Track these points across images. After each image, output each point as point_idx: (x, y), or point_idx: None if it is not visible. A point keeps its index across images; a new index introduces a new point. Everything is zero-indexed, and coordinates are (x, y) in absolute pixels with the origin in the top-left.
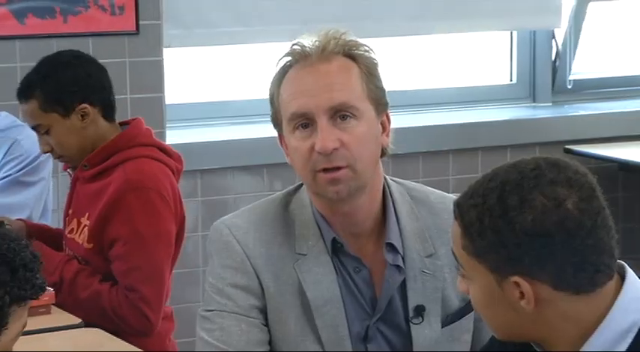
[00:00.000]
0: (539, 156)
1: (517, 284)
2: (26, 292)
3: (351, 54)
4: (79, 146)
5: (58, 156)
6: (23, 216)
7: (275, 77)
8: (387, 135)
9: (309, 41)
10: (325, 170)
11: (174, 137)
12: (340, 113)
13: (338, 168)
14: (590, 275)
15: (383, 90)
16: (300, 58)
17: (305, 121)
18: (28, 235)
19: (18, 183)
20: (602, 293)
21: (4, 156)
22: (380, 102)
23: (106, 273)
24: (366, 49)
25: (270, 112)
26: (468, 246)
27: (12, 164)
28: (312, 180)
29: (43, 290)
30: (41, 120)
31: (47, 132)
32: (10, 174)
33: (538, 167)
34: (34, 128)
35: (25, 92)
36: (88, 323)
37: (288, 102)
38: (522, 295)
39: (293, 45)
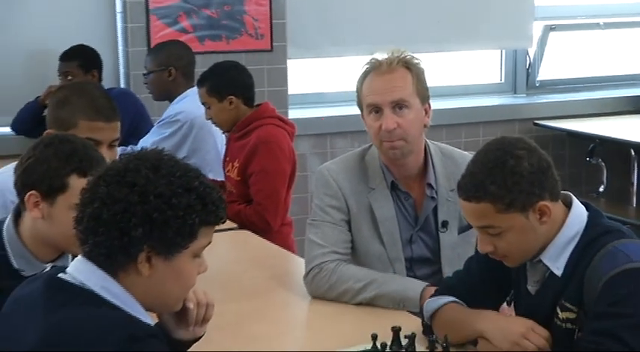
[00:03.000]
0: (494, 139)
1: (540, 208)
2: (211, 219)
3: (408, 66)
4: (226, 119)
5: (214, 123)
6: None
7: (360, 78)
8: (428, 117)
9: (381, 57)
10: (387, 142)
11: (294, 114)
12: (398, 105)
13: (394, 140)
14: (559, 186)
15: (426, 88)
16: (375, 67)
17: (376, 109)
18: None
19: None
20: (557, 211)
21: None
22: (424, 96)
23: (246, 195)
24: (417, 61)
25: (355, 98)
26: (501, 208)
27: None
28: (379, 146)
29: (224, 219)
30: (205, 100)
31: (210, 108)
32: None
33: (503, 140)
34: (203, 104)
35: (200, 81)
36: (241, 227)
37: (367, 96)
38: (541, 215)
39: (371, 59)
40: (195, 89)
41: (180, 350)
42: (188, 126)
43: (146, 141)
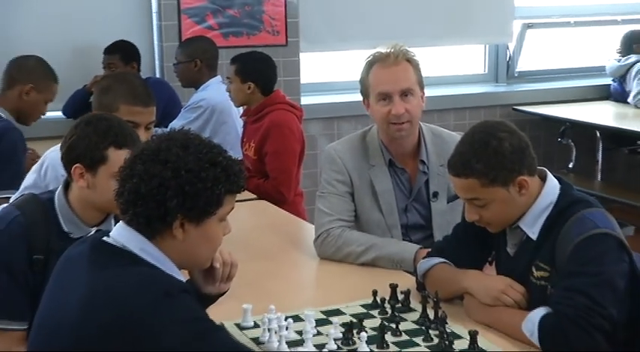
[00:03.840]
0: (479, 122)
1: (519, 182)
2: (234, 187)
3: (408, 59)
4: (240, 98)
5: (230, 96)
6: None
7: (364, 68)
8: (424, 102)
9: (385, 51)
10: (395, 123)
11: (306, 101)
12: (405, 92)
13: (402, 123)
14: (535, 162)
15: (422, 78)
16: (380, 60)
17: (385, 97)
18: None
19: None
20: (533, 184)
21: None
22: (421, 85)
23: (262, 171)
24: (414, 55)
25: (359, 87)
26: (486, 183)
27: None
28: (387, 128)
29: (244, 187)
30: (231, 76)
31: (231, 83)
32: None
33: (487, 123)
34: (227, 78)
35: (234, 59)
36: (259, 197)
37: (376, 86)
38: (520, 188)
39: (375, 52)
40: (217, 78)
41: (209, 303)
42: (210, 111)
43: (175, 125)
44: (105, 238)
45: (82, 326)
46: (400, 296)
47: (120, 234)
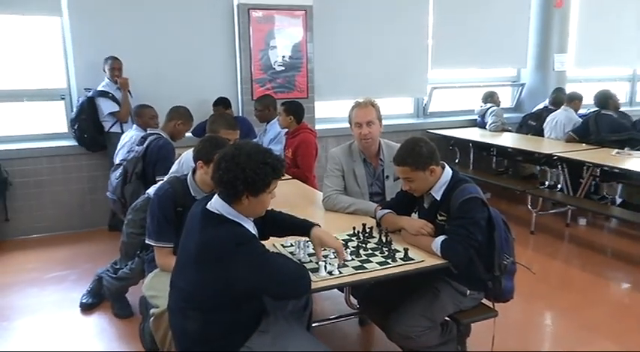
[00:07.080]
0: (409, 138)
1: (431, 169)
2: (277, 176)
3: (372, 104)
4: (286, 125)
5: (280, 125)
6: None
7: (350, 110)
8: (381, 128)
9: (360, 100)
10: (363, 139)
11: (319, 126)
12: (368, 123)
13: (367, 139)
14: (439, 159)
15: (380, 114)
16: (357, 105)
17: (359, 124)
18: None
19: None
20: (438, 170)
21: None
22: (380, 118)
23: (295, 164)
24: (376, 103)
25: (348, 119)
26: (413, 169)
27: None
28: (360, 141)
29: (283, 175)
30: (281, 114)
31: (280, 114)
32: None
33: (414, 138)
34: (278, 113)
35: (283, 103)
36: (294, 178)
37: (355, 119)
38: (431, 173)
39: (355, 101)
40: (277, 117)
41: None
42: (282, 137)
43: (275, 149)
44: (208, 206)
45: (195, 259)
46: (367, 230)
47: (216, 202)
